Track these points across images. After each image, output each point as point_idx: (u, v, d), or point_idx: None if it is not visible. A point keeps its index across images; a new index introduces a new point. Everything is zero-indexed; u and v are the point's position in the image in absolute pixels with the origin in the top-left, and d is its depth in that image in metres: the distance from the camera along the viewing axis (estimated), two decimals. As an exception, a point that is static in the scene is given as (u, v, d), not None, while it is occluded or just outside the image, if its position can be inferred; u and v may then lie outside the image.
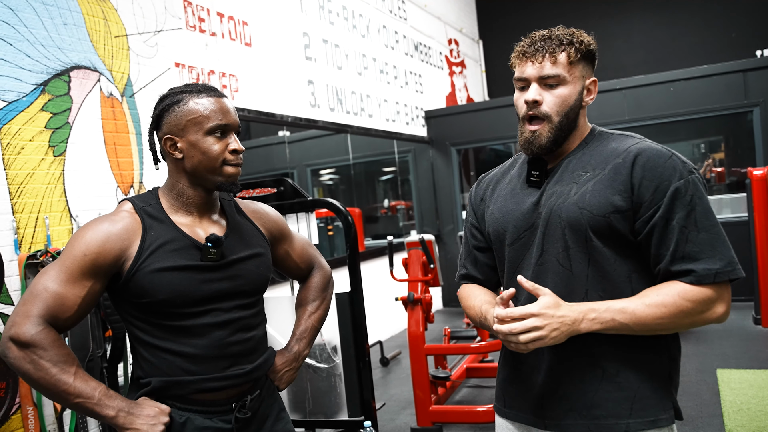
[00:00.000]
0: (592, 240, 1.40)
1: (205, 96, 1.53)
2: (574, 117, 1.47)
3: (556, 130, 1.45)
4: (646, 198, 1.36)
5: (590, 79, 1.50)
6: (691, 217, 1.35)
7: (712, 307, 1.35)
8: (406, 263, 4.27)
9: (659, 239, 1.37)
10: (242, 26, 4.80)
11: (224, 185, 1.54)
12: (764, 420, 3.56)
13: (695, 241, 1.34)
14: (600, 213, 1.38)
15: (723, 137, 8.33)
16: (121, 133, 3.61)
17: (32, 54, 3.13)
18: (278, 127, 6.40)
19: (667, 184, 1.35)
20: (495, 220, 1.57)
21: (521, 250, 1.51)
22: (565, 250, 1.43)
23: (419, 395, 3.85)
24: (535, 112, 1.45)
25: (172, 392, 1.49)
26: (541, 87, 1.45)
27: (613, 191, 1.39)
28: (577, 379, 1.45)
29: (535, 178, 1.52)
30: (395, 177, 8.72)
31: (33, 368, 1.36)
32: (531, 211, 1.49)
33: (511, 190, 1.58)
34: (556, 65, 1.43)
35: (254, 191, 2.80)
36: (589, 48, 1.48)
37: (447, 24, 9.12)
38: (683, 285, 1.34)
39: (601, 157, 1.45)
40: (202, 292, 1.49)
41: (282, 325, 2.55)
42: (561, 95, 1.44)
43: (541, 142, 1.45)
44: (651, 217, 1.36)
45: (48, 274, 1.42)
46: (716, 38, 9.13)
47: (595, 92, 1.50)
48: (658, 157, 1.38)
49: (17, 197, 3.00)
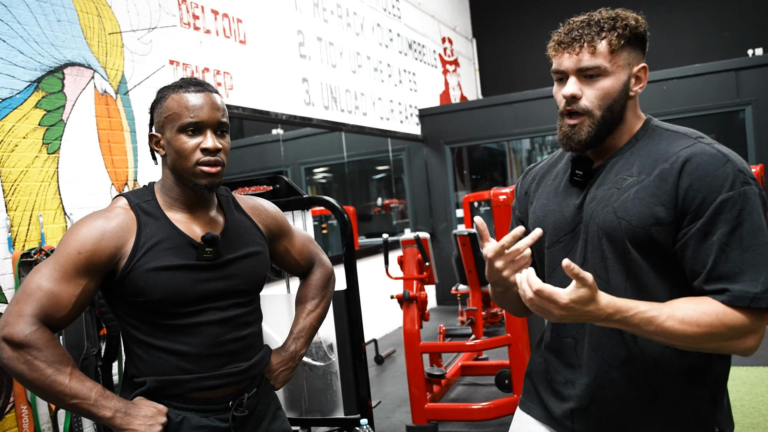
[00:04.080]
0: (631, 252, 1.27)
1: (184, 91, 1.46)
2: (620, 110, 1.32)
3: (598, 125, 1.31)
4: (691, 210, 1.21)
5: (639, 65, 1.33)
6: (736, 234, 1.19)
7: (743, 337, 1.21)
8: (402, 261, 4.27)
9: (693, 254, 1.22)
10: (237, 24, 4.78)
11: (198, 187, 1.46)
12: (757, 417, 3.59)
13: (737, 261, 1.19)
14: (640, 224, 1.25)
15: (715, 136, 8.34)
16: (116, 131, 3.59)
17: (26, 51, 3.11)
18: (272, 125, 6.39)
19: (715, 196, 1.19)
20: (536, 219, 1.46)
21: (559, 254, 1.39)
22: (602, 261, 1.31)
23: (414, 393, 3.85)
24: (573, 107, 1.31)
25: (168, 391, 1.47)
26: (580, 80, 1.30)
27: (656, 201, 1.24)
28: (611, 397, 1.34)
29: (579, 178, 1.38)
30: (389, 175, 8.72)
31: (27, 369, 1.33)
32: (573, 215, 1.37)
33: (555, 187, 1.45)
34: (595, 56, 1.28)
35: (249, 189, 2.79)
36: (636, 31, 1.31)
37: (441, 22, 9.13)
38: (721, 306, 1.19)
39: (650, 159, 1.29)
40: (198, 291, 1.46)
41: (278, 323, 2.55)
42: (603, 88, 1.29)
43: (580, 138, 1.32)
44: (690, 229, 1.22)
45: (41, 272, 1.38)
46: (709, 37, 9.17)
47: (646, 80, 1.34)
48: (710, 164, 1.21)
49: (11, 195, 2.98)
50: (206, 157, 1.45)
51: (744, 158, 5.70)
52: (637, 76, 1.33)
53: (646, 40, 1.34)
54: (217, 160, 1.47)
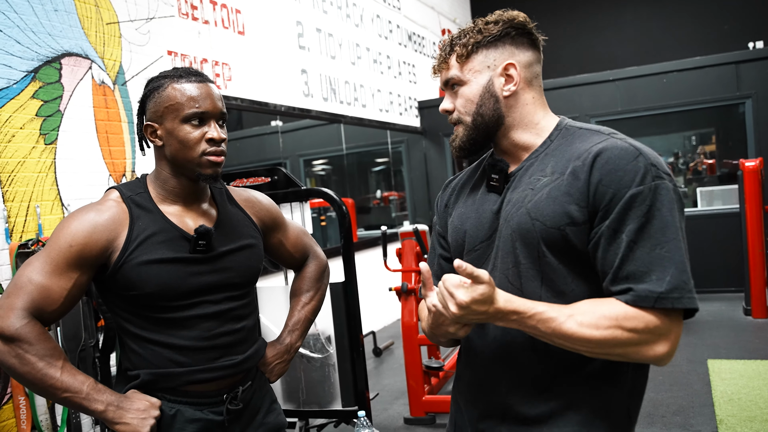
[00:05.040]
0: (546, 255, 1.21)
1: (185, 81, 1.45)
2: (492, 112, 1.29)
3: (471, 130, 1.31)
4: (602, 207, 1.15)
5: (504, 63, 1.29)
6: (645, 230, 1.12)
7: (652, 342, 1.12)
8: (400, 253, 4.27)
9: (603, 254, 1.15)
10: (235, 14, 4.76)
11: (203, 176, 1.46)
12: (755, 410, 3.59)
13: (644, 259, 1.12)
14: (554, 225, 1.19)
15: (715, 129, 8.36)
16: (113, 122, 3.58)
17: (23, 40, 3.09)
18: (271, 116, 6.37)
19: (625, 191, 1.13)
20: (454, 228, 1.41)
21: (475, 262, 1.32)
22: (515, 266, 1.25)
23: (412, 385, 3.86)
24: (451, 121, 1.36)
25: (162, 384, 1.46)
26: (450, 95, 1.35)
27: (569, 199, 1.18)
28: (517, 401, 1.27)
29: (495, 182, 1.34)
30: (388, 167, 8.71)
31: (18, 363, 1.32)
32: (490, 221, 1.32)
33: (473, 196, 1.40)
34: (449, 69, 1.33)
35: (247, 180, 2.78)
36: (489, 33, 1.30)
37: (440, 14, 9.09)
38: (624, 307, 1.12)
39: (563, 158, 1.24)
40: (191, 284, 1.45)
41: (276, 316, 2.55)
42: (463, 95, 1.31)
43: (456, 144, 1.34)
44: (600, 228, 1.16)
45: (33, 266, 1.37)
46: (709, 30, 9.14)
47: (520, 77, 1.29)
48: (620, 158, 1.15)
49: (8, 185, 2.97)
50: (212, 147, 1.45)
51: (743, 152, 5.59)
52: (507, 75, 1.29)
53: (511, 34, 1.30)
54: (223, 150, 1.48)
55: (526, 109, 1.31)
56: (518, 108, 1.31)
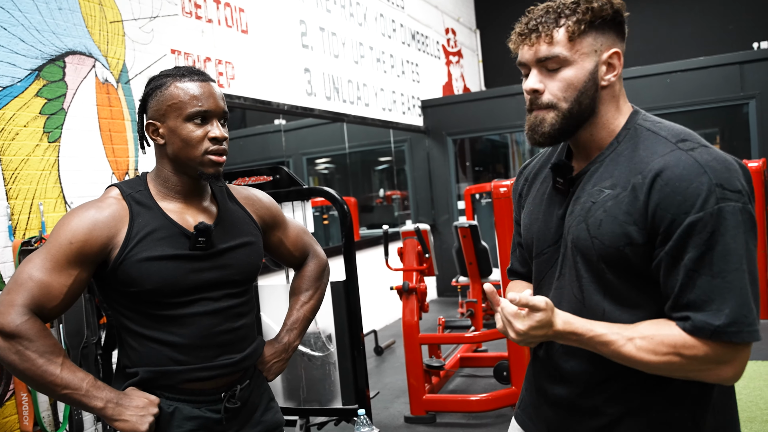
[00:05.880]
0: (606, 273, 1.17)
1: (188, 80, 1.46)
2: (590, 102, 1.19)
3: (564, 118, 1.19)
4: (661, 231, 1.10)
5: (609, 50, 1.19)
6: (706, 259, 1.07)
7: (714, 368, 1.10)
8: (402, 252, 4.28)
9: (665, 278, 1.12)
10: (239, 13, 4.77)
11: (205, 175, 1.47)
12: (755, 410, 3.59)
13: (704, 288, 1.07)
14: (612, 244, 1.15)
15: (719, 129, 8.34)
16: (117, 120, 3.59)
17: (27, 39, 3.10)
18: (274, 115, 6.38)
19: (683, 217, 1.07)
20: (524, 226, 1.39)
21: (544, 265, 1.32)
22: (577, 279, 1.22)
23: (413, 384, 3.87)
24: (537, 103, 1.21)
25: (161, 382, 1.47)
26: (542, 72, 1.20)
27: (629, 219, 1.13)
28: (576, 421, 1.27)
29: (560, 186, 1.28)
30: (391, 166, 8.71)
31: (18, 359, 1.33)
32: (556, 226, 1.28)
33: (542, 193, 1.36)
34: (553, 45, 1.17)
35: (250, 179, 2.79)
36: (602, 14, 1.17)
37: (444, 13, 9.09)
38: (683, 334, 1.09)
39: (626, 169, 1.17)
40: (191, 281, 1.46)
41: (277, 314, 2.56)
42: (565, 79, 1.18)
43: (543, 130, 1.21)
44: (660, 251, 1.12)
45: (33, 262, 1.38)
46: (713, 30, 9.12)
47: (620, 66, 1.21)
48: (681, 179, 1.08)
49: (11, 183, 2.98)
50: (214, 146, 1.46)
51: (747, 152, 5.44)
52: (609, 63, 1.20)
53: (620, 21, 1.21)
54: (225, 149, 1.49)
55: (613, 103, 1.23)
56: (608, 101, 1.23)
